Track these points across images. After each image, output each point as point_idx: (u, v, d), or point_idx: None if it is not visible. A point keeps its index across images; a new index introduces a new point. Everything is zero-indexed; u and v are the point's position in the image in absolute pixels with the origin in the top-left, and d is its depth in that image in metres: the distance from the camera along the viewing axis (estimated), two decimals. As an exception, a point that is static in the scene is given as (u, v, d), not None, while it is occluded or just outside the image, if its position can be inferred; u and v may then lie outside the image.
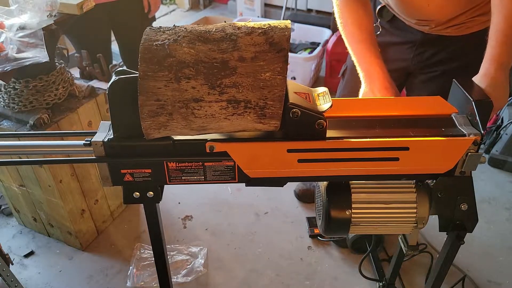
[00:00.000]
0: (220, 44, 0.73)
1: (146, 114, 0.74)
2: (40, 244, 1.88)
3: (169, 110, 0.74)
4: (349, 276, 1.71)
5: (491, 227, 1.92)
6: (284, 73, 0.73)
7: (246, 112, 0.75)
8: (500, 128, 2.31)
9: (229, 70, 0.72)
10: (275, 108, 0.75)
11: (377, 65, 1.16)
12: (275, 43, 0.73)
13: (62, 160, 1.30)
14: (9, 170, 1.67)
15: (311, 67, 2.85)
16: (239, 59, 0.72)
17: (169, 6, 4.44)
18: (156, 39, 0.73)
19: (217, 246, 1.85)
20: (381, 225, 0.93)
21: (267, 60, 0.73)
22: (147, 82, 0.72)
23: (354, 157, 0.83)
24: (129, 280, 1.68)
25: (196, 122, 0.76)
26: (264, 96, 0.74)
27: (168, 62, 0.71)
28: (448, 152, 0.83)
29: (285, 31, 0.74)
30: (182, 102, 0.73)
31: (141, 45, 0.72)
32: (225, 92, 0.73)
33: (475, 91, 0.92)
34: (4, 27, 1.34)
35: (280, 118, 0.76)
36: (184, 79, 0.72)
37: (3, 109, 1.55)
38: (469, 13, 1.21)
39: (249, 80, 0.73)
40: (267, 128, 0.78)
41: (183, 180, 0.85)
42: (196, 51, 0.72)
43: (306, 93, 0.84)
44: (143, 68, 0.71)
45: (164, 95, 0.73)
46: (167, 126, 0.76)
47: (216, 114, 0.75)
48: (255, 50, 0.72)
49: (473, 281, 1.67)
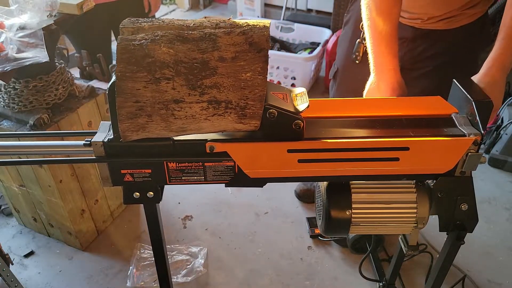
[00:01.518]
0: (200, 43, 0.72)
1: (125, 116, 0.72)
2: (40, 244, 1.88)
3: (148, 112, 0.73)
4: (349, 276, 1.71)
5: (491, 227, 1.92)
6: (265, 73, 0.73)
7: (227, 113, 0.74)
8: (500, 128, 2.31)
9: (210, 70, 0.72)
10: (255, 108, 0.74)
11: (390, 63, 1.13)
12: (255, 43, 0.72)
13: (62, 160, 1.29)
14: (9, 170, 1.67)
15: (311, 67, 2.86)
16: (219, 59, 0.72)
17: (169, 6, 4.44)
18: (133, 39, 0.71)
19: (217, 246, 1.85)
20: (381, 225, 0.93)
21: (248, 60, 0.72)
22: (125, 83, 0.70)
23: (354, 157, 0.83)
24: (129, 280, 1.68)
25: (176, 123, 0.75)
26: (245, 96, 0.73)
27: (147, 63, 0.70)
28: (448, 152, 0.83)
29: (264, 31, 0.73)
30: (162, 103, 0.72)
31: (118, 44, 0.70)
32: (206, 93, 0.72)
33: (475, 91, 0.92)
34: (4, 27, 1.34)
35: (260, 118, 0.76)
36: (164, 80, 0.71)
37: (3, 109, 1.55)
38: (460, 5, 1.22)
39: (230, 80, 0.72)
40: (247, 128, 0.77)
41: (183, 180, 0.85)
42: (175, 51, 0.71)
43: (283, 93, 0.84)
44: (120, 69, 0.70)
45: (144, 96, 0.71)
46: (145, 127, 0.75)
47: (196, 115, 0.74)
48: (235, 50, 0.72)
49: (473, 281, 1.67)
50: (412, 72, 1.39)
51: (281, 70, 2.86)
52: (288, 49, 3.04)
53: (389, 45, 1.13)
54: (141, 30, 0.77)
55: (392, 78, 1.12)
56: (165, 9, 4.40)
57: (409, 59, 1.37)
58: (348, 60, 1.47)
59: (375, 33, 1.14)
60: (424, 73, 1.37)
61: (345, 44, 1.52)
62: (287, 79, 2.88)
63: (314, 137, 0.83)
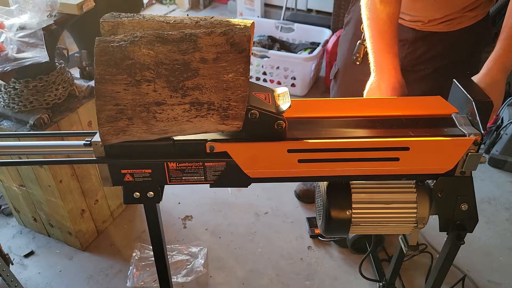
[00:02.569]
0: (180, 44, 0.71)
1: (104, 119, 0.71)
2: (40, 244, 1.88)
3: (129, 115, 0.72)
4: (349, 276, 1.71)
5: (491, 227, 1.92)
6: (247, 73, 0.72)
7: (210, 114, 0.74)
8: (500, 128, 2.31)
9: (192, 71, 0.71)
10: (238, 109, 0.74)
11: (391, 62, 1.13)
12: (236, 43, 0.71)
13: (62, 161, 1.30)
14: (9, 170, 1.67)
15: (311, 67, 2.85)
16: (201, 60, 0.71)
17: (169, 6, 4.44)
18: (111, 40, 0.70)
19: (217, 246, 1.85)
20: (381, 225, 0.93)
21: (230, 61, 0.72)
22: (105, 86, 0.69)
23: (354, 157, 0.83)
24: (129, 280, 1.68)
25: (158, 126, 0.74)
26: (227, 97, 0.73)
27: (127, 65, 0.69)
28: (448, 152, 0.83)
29: (245, 31, 0.72)
30: (143, 106, 0.71)
31: (96, 46, 0.69)
32: (188, 95, 0.72)
33: (475, 91, 0.92)
34: (4, 27, 1.34)
35: (243, 118, 0.76)
36: (145, 82, 0.70)
37: (3, 109, 1.55)
38: (461, 8, 1.22)
39: (212, 81, 0.72)
40: (229, 129, 0.77)
41: (184, 180, 0.85)
42: (156, 53, 0.70)
43: (266, 93, 0.83)
44: (100, 72, 0.69)
45: (124, 99, 0.70)
46: (126, 131, 0.74)
47: (178, 117, 0.73)
48: (217, 51, 0.71)
49: (473, 281, 1.67)
50: (413, 74, 1.39)
51: (281, 70, 2.86)
52: (288, 49, 3.04)
53: (390, 45, 1.12)
54: (121, 25, 0.76)
55: (393, 78, 1.12)
56: (165, 9, 4.40)
57: (410, 61, 1.37)
58: (349, 60, 1.47)
59: (375, 33, 1.13)
60: (425, 75, 1.37)
61: (346, 44, 1.51)
62: (287, 79, 2.89)
63: (314, 137, 0.83)
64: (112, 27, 0.76)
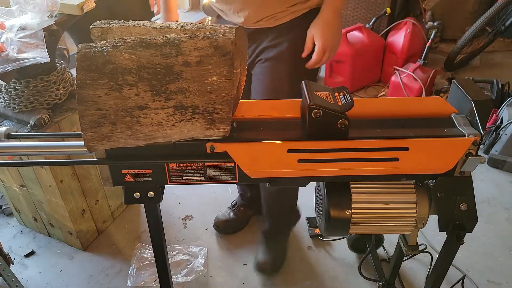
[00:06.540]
0: (163, 49, 0.71)
1: (87, 124, 0.71)
2: (40, 244, 1.88)
3: (112, 120, 0.72)
4: (349, 276, 1.72)
5: (490, 227, 1.92)
6: (231, 76, 0.72)
7: (195, 118, 0.73)
8: (499, 129, 2.31)
9: (174, 75, 0.71)
10: (224, 112, 0.74)
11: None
12: (220, 46, 0.71)
13: (63, 162, 1.30)
14: (9, 171, 1.68)
15: (311, 67, 2.85)
16: (183, 64, 0.71)
17: (169, 6, 4.44)
18: (94, 46, 0.70)
19: (217, 246, 1.85)
20: (381, 225, 0.93)
21: (213, 64, 0.71)
22: (86, 91, 0.69)
23: (354, 157, 0.83)
24: (129, 280, 1.69)
25: (142, 131, 0.74)
26: (211, 100, 0.73)
27: (108, 69, 0.69)
28: (447, 152, 0.84)
29: (229, 34, 0.73)
30: (126, 110, 0.71)
31: (78, 52, 0.70)
32: (171, 98, 0.71)
33: (475, 91, 0.92)
34: (5, 28, 1.34)
35: (229, 122, 0.75)
36: (127, 86, 0.70)
37: (3, 110, 1.56)
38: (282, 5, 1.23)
39: (195, 84, 0.71)
40: (217, 134, 0.77)
41: (184, 180, 0.86)
42: (138, 57, 0.70)
43: (327, 92, 0.84)
44: (80, 77, 0.69)
45: (106, 103, 0.70)
46: (110, 136, 0.74)
47: (163, 122, 0.73)
48: (200, 54, 0.71)
49: (473, 281, 1.67)
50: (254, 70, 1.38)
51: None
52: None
53: None
54: (110, 31, 0.77)
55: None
56: (165, 9, 4.39)
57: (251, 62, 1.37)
58: None
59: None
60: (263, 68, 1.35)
61: None
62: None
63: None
64: (101, 32, 0.77)
